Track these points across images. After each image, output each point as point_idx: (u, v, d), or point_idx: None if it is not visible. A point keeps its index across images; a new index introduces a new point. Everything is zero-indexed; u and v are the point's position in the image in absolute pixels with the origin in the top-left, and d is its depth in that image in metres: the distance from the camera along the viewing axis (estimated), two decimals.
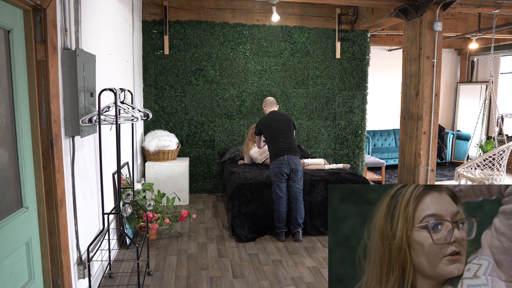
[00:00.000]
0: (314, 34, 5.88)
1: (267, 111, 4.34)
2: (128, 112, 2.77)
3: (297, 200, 4.02)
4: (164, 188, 5.08)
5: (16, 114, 1.99)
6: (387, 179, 7.04)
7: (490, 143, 5.28)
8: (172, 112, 5.67)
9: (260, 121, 4.24)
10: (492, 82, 5.27)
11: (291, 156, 3.98)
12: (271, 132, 4.12)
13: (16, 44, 1.98)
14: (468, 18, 6.15)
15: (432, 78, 4.28)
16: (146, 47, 5.50)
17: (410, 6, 4.26)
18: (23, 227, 2.03)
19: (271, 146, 4.09)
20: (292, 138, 4.13)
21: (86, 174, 2.80)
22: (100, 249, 3.03)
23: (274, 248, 3.88)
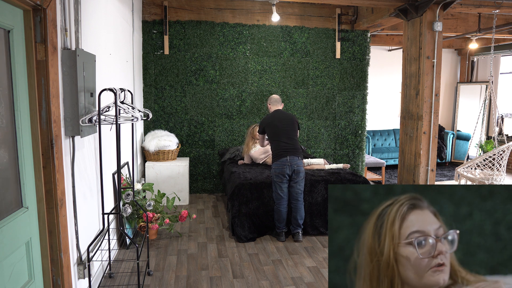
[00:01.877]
0: (314, 34, 5.88)
1: (271, 109, 4.28)
2: (128, 112, 2.77)
3: (298, 200, 4.02)
4: (164, 188, 5.08)
5: (16, 114, 1.99)
6: (387, 179, 7.04)
7: (490, 143, 5.28)
8: (172, 112, 5.68)
9: (264, 120, 4.20)
10: (492, 82, 5.27)
11: (294, 157, 3.96)
12: (274, 132, 4.08)
13: (16, 44, 1.98)
14: (468, 18, 6.15)
15: (432, 78, 4.28)
16: (146, 47, 5.50)
17: (410, 6, 4.26)
18: (23, 227, 2.03)
19: (274, 146, 4.08)
20: (295, 138, 4.09)
21: (86, 174, 2.80)
22: (100, 249, 3.03)
23: (274, 248, 3.88)
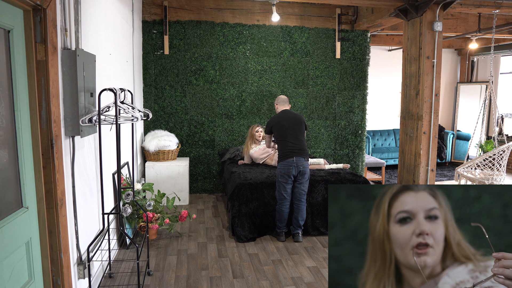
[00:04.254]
0: (314, 34, 5.88)
1: (278, 109, 4.26)
2: (128, 112, 2.77)
3: (300, 201, 4.02)
4: (164, 188, 5.08)
5: (16, 114, 1.99)
6: (387, 179, 7.04)
7: (490, 143, 5.28)
8: (172, 112, 5.67)
9: (271, 120, 4.17)
10: (492, 82, 5.27)
11: (300, 158, 3.94)
12: (282, 132, 4.05)
13: (16, 44, 1.98)
14: (468, 18, 6.15)
15: (432, 78, 4.28)
16: (146, 47, 5.50)
17: (410, 6, 4.26)
18: (23, 227, 2.03)
19: (281, 146, 4.05)
20: (302, 139, 4.06)
21: (86, 174, 2.80)
22: (100, 249, 3.03)
23: (274, 248, 3.88)
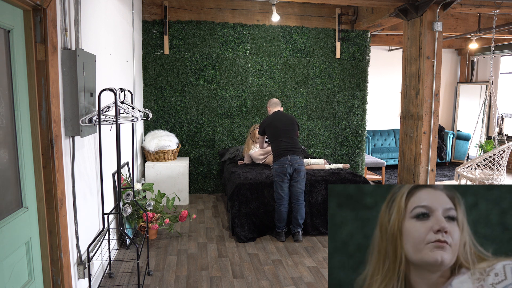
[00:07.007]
0: (314, 34, 5.88)
1: (271, 111, 4.35)
2: (128, 112, 2.77)
3: (299, 200, 4.02)
4: (164, 188, 5.08)
5: (16, 114, 1.99)
6: (387, 179, 7.04)
7: (490, 143, 5.28)
8: (172, 112, 5.67)
9: (264, 121, 4.24)
10: (492, 82, 5.27)
11: (294, 156, 3.98)
12: (274, 132, 4.11)
13: (16, 44, 1.98)
14: (468, 18, 6.15)
15: (432, 78, 4.28)
16: (146, 47, 5.50)
17: (410, 6, 4.26)
18: (23, 227, 2.03)
19: (275, 146, 4.09)
20: (295, 138, 4.12)
21: (86, 174, 2.80)
22: (100, 249, 3.03)
23: (274, 248, 3.88)
